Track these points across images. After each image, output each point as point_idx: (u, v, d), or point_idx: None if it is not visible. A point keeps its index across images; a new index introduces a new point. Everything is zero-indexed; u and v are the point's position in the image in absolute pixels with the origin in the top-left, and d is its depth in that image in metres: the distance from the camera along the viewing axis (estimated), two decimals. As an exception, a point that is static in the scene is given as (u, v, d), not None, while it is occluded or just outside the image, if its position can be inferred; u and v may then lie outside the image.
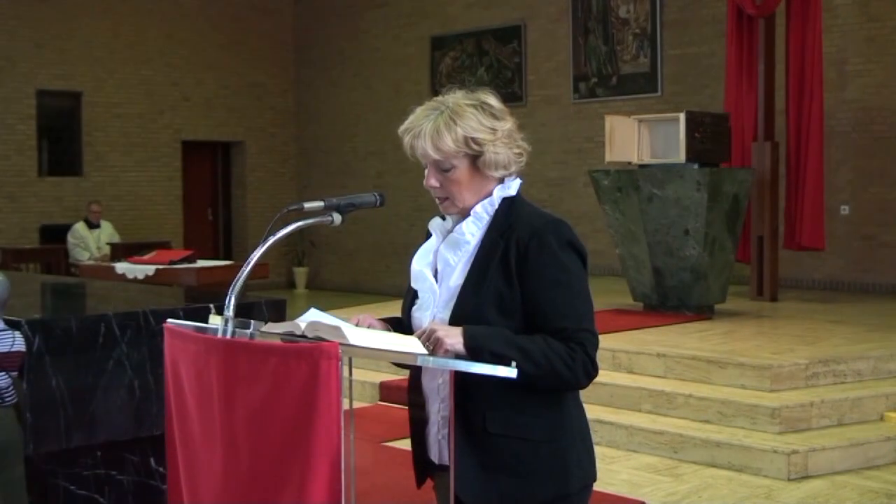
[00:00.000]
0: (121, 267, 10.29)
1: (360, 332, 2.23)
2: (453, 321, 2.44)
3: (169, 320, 2.50)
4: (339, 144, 16.80)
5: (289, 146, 17.47)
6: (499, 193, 2.53)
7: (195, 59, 16.26)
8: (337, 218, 2.49)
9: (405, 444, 6.03)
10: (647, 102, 12.49)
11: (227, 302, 2.33)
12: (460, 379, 2.32)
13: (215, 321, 2.38)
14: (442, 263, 2.55)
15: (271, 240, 2.37)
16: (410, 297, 2.62)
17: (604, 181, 8.96)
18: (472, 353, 2.33)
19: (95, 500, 5.03)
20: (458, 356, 2.32)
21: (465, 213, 2.54)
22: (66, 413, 4.57)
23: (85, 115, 15.17)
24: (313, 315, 2.35)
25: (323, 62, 17.01)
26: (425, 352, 2.26)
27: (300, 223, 2.43)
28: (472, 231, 2.52)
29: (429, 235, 2.65)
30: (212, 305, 4.68)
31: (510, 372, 2.24)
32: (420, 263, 2.60)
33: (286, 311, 5.39)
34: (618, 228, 9.03)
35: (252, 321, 2.32)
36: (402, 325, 2.60)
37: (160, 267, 10.05)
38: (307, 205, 2.46)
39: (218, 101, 16.53)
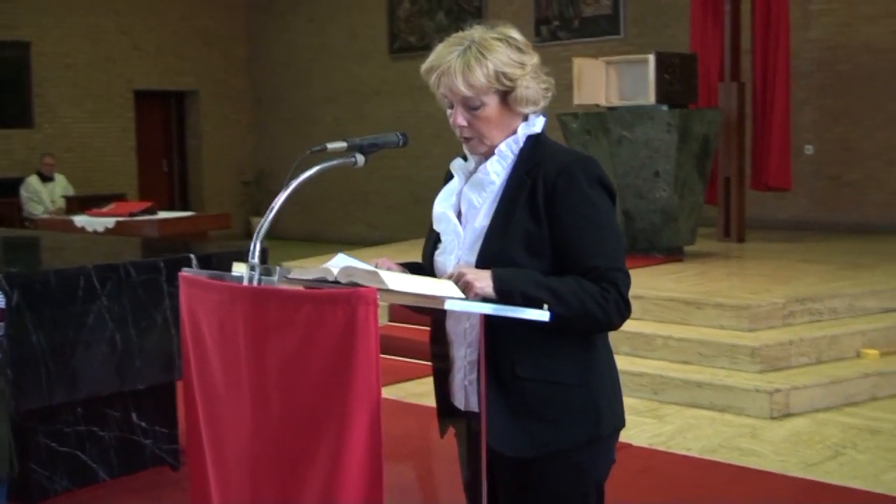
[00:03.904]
0: (80, 220, 10.05)
1: (396, 276, 2.14)
2: (480, 264, 2.34)
3: (184, 269, 2.39)
4: (295, 92, 16.55)
5: (244, 94, 17.18)
6: (523, 131, 2.43)
7: (143, 6, 15.88)
8: (360, 159, 2.39)
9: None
10: (610, 45, 12.39)
11: (251, 249, 2.23)
12: (488, 323, 2.23)
13: (239, 269, 2.28)
14: (466, 205, 2.45)
15: (294, 183, 2.27)
16: (432, 240, 2.52)
17: (572, 124, 8.88)
18: (503, 297, 2.23)
19: (76, 457, 4.93)
20: (486, 300, 2.23)
21: (488, 154, 2.44)
22: (47, 369, 4.44)
23: (34, 66, 14.78)
24: (343, 260, 2.25)
25: (275, 6, 16.69)
26: (462, 295, 2.17)
27: (323, 165, 2.33)
28: (497, 170, 2.41)
29: (449, 177, 2.55)
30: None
31: (543, 315, 2.15)
32: (443, 205, 2.49)
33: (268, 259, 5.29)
34: (587, 172, 8.95)
35: (278, 268, 2.21)
36: (422, 269, 2.51)
37: (121, 219, 9.83)
38: (330, 145, 2.36)
39: (168, 49, 16.19)
